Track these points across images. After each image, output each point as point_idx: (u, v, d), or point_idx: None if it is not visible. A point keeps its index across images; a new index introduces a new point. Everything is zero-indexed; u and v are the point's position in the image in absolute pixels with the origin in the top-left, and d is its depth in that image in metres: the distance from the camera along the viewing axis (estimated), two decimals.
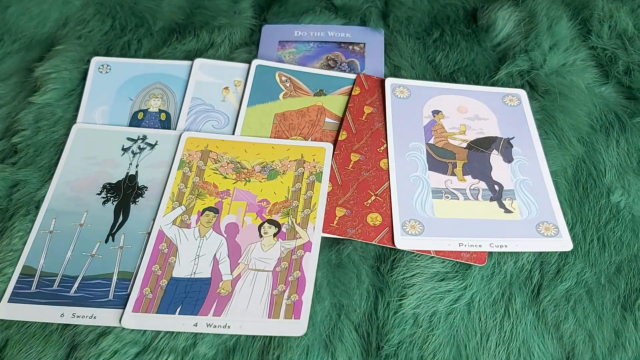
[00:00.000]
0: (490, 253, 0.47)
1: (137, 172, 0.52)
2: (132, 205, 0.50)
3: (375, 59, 0.63)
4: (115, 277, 0.45)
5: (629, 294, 0.46)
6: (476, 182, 0.52)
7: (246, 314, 0.43)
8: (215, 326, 0.43)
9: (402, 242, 0.47)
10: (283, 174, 0.52)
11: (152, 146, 0.54)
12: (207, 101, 0.58)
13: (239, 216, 0.49)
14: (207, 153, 0.53)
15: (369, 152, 0.53)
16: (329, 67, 0.62)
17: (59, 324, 0.43)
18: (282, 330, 0.43)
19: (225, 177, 0.51)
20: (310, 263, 0.46)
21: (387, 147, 0.54)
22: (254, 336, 0.43)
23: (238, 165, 0.52)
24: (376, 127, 0.55)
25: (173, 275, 0.45)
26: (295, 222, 0.49)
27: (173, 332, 0.43)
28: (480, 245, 0.47)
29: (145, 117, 0.57)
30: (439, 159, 0.53)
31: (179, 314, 0.43)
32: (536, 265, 0.47)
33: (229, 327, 0.43)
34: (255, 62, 0.60)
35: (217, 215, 0.49)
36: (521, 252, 0.47)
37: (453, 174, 0.52)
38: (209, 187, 0.51)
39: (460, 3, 0.67)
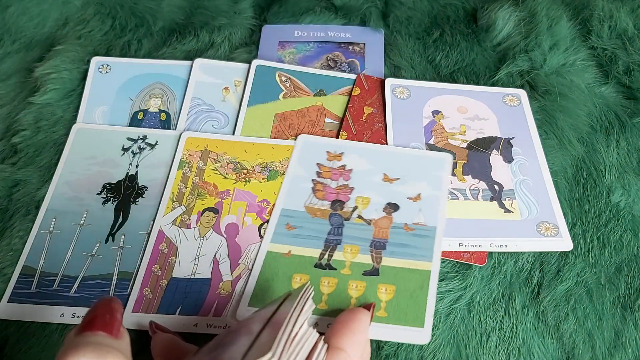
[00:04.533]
0: (490, 253, 0.47)
1: (137, 172, 0.52)
2: (132, 206, 0.50)
3: (375, 59, 0.63)
4: (115, 277, 0.45)
5: (629, 294, 0.46)
6: (476, 182, 0.52)
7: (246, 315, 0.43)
8: (215, 327, 0.43)
9: None
10: (283, 174, 0.52)
11: (152, 146, 0.54)
12: (207, 101, 0.58)
13: (239, 216, 0.49)
14: (207, 153, 0.53)
15: None
16: (329, 67, 0.62)
17: (59, 324, 0.43)
18: None
19: (225, 178, 0.51)
20: None
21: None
22: None
23: (238, 165, 0.52)
24: (376, 127, 0.55)
25: (173, 276, 0.45)
26: None
27: None
28: (480, 245, 0.47)
29: (145, 117, 0.57)
30: None
31: (179, 314, 0.43)
32: (536, 265, 0.47)
33: (229, 327, 0.43)
34: (255, 62, 0.60)
35: (217, 215, 0.49)
36: (521, 252, 0.47)
37: (453, 174, 0.52)
38: (209, 187, 0.51)
39: (460, 3, 0.67)
